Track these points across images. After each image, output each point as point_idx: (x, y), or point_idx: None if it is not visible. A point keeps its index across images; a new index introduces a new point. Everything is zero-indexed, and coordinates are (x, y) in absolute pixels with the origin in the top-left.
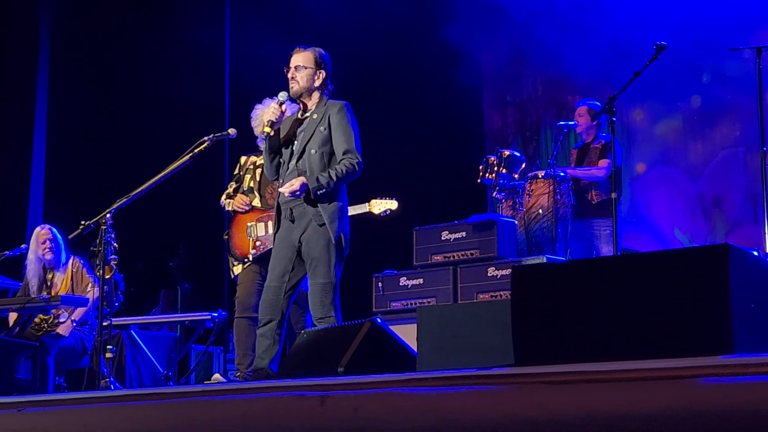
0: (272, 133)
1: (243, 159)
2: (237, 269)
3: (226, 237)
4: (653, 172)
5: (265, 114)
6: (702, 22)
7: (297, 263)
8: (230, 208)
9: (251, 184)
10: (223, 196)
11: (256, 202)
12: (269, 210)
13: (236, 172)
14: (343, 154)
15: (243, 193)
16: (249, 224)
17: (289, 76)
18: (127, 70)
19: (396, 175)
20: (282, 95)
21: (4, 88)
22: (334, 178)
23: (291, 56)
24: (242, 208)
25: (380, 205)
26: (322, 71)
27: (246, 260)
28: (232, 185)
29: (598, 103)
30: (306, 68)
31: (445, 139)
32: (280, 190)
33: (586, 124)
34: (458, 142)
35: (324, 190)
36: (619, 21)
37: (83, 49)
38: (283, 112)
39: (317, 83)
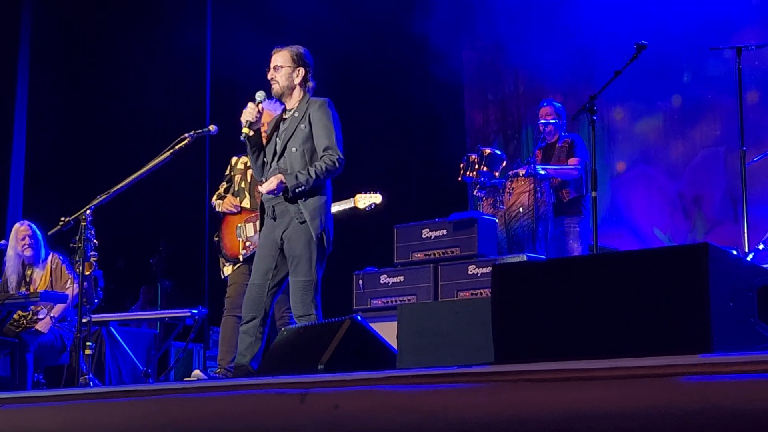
0: (251, 134)
1: (234, 159)
2: (227, 270)
3: (217, 239)
4: (633, 170)
5: (243, 115)
6: (683, 22)
7: (280, 261)
8: (220, 209)
9: (242, 185)
10: (214, 197)
11: (246, 203)
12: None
13: (227, 172)
14: (324, 150)
15: (234, 193)
16: (238, 225)
17: (269, 77)
18: (109, 68)
19: (377, 172)
20: (259, 95)
21: None
22: (313, 176)
23: (271, 57)
24: (232, 210)
25: (365, 200)
26: (301, 68)
27: (236, 261)
28: (223, 185)
29: (559, 104)
30: (283, 67)
31: (426, 136)
32: (260, 189)
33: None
34: (439, 139)
35: (303, 187)
36: (600, 20)
37: (64, 46)
38: (260, 112)
39: (296, 81)
